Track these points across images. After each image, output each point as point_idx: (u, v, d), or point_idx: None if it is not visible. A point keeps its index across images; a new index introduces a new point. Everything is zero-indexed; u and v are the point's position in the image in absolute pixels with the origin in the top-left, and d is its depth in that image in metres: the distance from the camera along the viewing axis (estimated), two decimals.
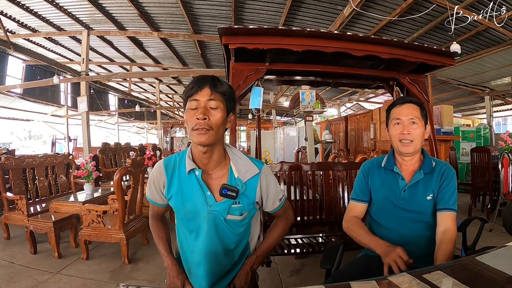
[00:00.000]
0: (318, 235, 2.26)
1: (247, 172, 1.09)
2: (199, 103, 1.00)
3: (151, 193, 1.18)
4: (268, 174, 1.15)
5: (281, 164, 2.36)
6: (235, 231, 1.10)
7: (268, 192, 1.15)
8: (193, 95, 1.01)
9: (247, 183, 1.09)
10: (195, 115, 0.99)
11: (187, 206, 1.08)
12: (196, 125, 0.99)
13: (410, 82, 1.97)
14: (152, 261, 2.68)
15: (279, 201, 1.20)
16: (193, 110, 1.00)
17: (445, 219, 1.21)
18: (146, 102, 13.16)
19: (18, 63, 9.31)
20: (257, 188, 1.11)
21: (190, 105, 1.01)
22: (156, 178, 1.13)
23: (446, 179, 1.26)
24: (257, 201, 1.13)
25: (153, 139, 18.54)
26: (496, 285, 0.75)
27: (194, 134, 1.00)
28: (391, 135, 1.32)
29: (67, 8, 5.47)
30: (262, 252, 1.18)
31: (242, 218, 1.09)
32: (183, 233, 1.15)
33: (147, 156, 4.19)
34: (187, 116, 1.02)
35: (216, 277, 1.10)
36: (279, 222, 1.25)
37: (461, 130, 6.65)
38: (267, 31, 1.60)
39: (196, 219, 1.08)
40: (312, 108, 4.18)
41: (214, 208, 1.06)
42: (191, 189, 1.08)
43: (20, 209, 2.94)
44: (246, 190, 1.09)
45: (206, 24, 5.74)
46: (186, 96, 1.03)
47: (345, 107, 14.26)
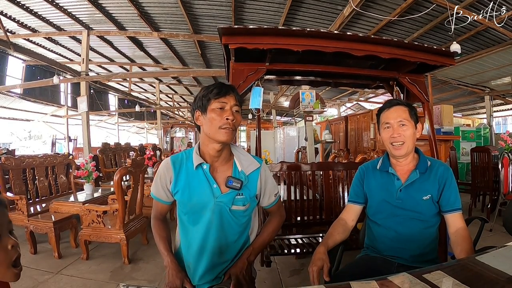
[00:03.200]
0: (318, 235, 2.26)
1: (250, 166, 1.19)
2: (227, 105, 1.11)
3: (156, 190, 1.21)
4: (266, 169, 1.25)
5: (281, 164, 2.36)
6: (238, 222, 1.18)
7: (266, 186, 1.23)
8: (221, 98, 1.10)
9: (250, 176, 1.18)
10: (223, 114, 1.09)
11: (194, 198, 1.14)
12: (225, 124, 1.09)
13: (410, 82, 1.97)
14: (152, 261, 2.68)
15: (274, 196, 1.28)
16: (220, 111, 1.10)
17: (454, 219, 1.24)
18: (146, 102, 13.15)
19: (18, 63, 9.31)
20: (258, 181, 1.20)
21: (216, 105, 1.10)
22: (163, 174, 1.18)
23: (446, 181, 1.26)
24: (257, 194, 1.22)
25: (153, 139, 18.53)
26: (496, 285, 0.75)
27: (221, 132, 1.09)
28: (383, 139, 1.34)
29: (67, 8, 5.47)
30: (259, 245, 1.25)
31: (245, 209, 1.18)
32: (186, 227, 1.18)
33: (147, 156, 4.20)
34: (213, 115, 1.10)
35: (218, 269, 1.16)
36: (273, 218, 1.33)
37: (461, 130, 6.65)
38: (267, 31, 1.60)
39: (202, 211, 1.14)
40: (312, 108, 4.18)
41: (220, 199, 1.13)
42: (198, 182, 1.14)
43: (20, 209, 2.94)
44: (248, 182, 1.17)
45: (206, 24, 5.74)
46: (212, 97, 1.10)
47: (345, 107, 14.26)
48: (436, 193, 1.26)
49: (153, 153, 5.00)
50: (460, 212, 1.25)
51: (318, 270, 1.15)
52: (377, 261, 1.33)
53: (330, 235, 1.34)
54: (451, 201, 1.25)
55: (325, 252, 1.23)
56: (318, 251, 1.23)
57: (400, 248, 1.28)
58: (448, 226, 1.25)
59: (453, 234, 1.23)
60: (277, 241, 2.15)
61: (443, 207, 1.26)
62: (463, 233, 1.21)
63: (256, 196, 1.21)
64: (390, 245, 1.31)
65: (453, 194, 1.25)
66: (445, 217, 1.26)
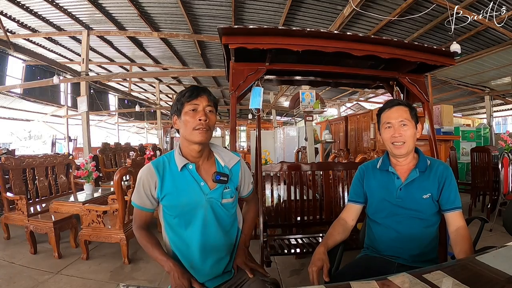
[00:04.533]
0: (318, 235, 2.26)
1: (231, 160, 1.25)
2: (199, 107, 1.13)
3: (139, 198, 1.18)
4: (243, 161, 1.32)
5: (281, 164, 2.36)
6: (229, 213, 1.23)
7: (245, 177, 1.31)
8: (193, 100, 1.13)
9: (232, 169, 1.24)
10: (196, 116, 1.12)
11: (183, 200, 1.15)
12: (198, 125, 1.12)
13: (410, 82, 1.97)
14: (152, 261, 2.67)
15: (251, 184, 1.36)
16: (193, 112, 1.13)
17: (454, 218, 1.25)
18: (146, 102, 13.15)
19: (18, 63, 9.31)
20: (239, 173, 1.27)
21: (189, 108, 1.13)
22: (146, 180, 1.16)
23: (446, 179, 1.27)
24: (238, 186, 1.28)
25: (153, 139, 18.52)
26: (496, 285, 0.75)
27: (195, 133, 1.12)
28: (384, 139, 1.35)
29: (67, 8, 5.47)
30: (248, 231, 1.34)
31: (233, 200, 1.23)
32: (177, 230, 1.17)
33: (147, 156, 4.19)
34: (187, 118, 1.13)
35: (223, 261, 1.20)
36: (251, 205, 1.41)
37: (461, 130, 6.65)
38: (267, 31, 1.60)
39: (194, 211, 1.16)
40: (312, 108, 4.17)
41: (211, 196, 1.17)
42: (186, 183, 1.16)
43: (20, 209, 2.94)
44: (232, 176, 1.24)
45: (206, 24, 5.74)
46: (184, 101, 1.14)
47: (345, 107, 14.25)
48: (436, 191, 1.27)
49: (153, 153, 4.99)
50: (460, 210, 1.26)
51: (318, 270, 1.15)
52: (377, 261, 1.33)
53: (330, 235, 1.34)
54: (451, 199, 1.25)
55: (324, 252, 1.23)
56: (318, 251, 1.24)
57: (400, 247, 1.28)
58: (449, 225, 1.26)
59: (453, 233, 1.23)
60: (277, 241, 2.15)
61: (443, 206, 1.26)
62: (463, 232, 1.21)
63: (236, 187, 1.27)
64: (390, 244, 1.31)
65: (453, 193, 1.26)
66: (445, 215, 1.27)
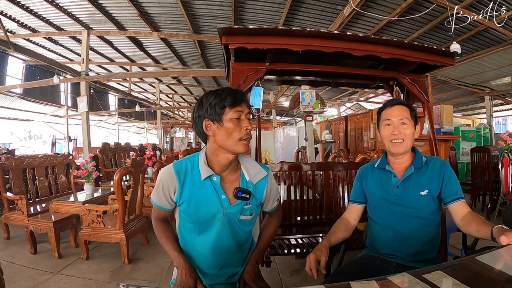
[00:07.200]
0: (318, 235, 2.26)
1: (257, 174, 1.17)
2: (243, 114, 1.07)
3: (158, 199, 1.15)
4: (272, 177, 1.24)
5: (281, 164, 2.36)
6: (245, 229, 1.17)
7: (271, 193, 1.23)
8: (237, 106, 1.05)
9: (257, 185, 1.17)
10: (242, 125, 1.06)
11: (202, 210, 1.10)
12: (245, 135, 1.06)
13: (410, 82, 1.97)
14: (152, 261, 2.67)
15: (277, 201, 1.28)
16: (237, 121, 1.05)
17: (459, 207, 1.24)
18: (146, 102, 13.15)
19: (18, 63, 9.32)
20: (264, 190, 1.19)
21: (233, 115, 1.05)
22: (167, 183, 1.11)
23: (445, 173, 1.28)
24: (262, 202, 1.21)
25: (153, 139, 18.52)
26: (496, 285, 0.74)
27: (240, 144, 1.06)
28: (383, 136, 1.35)
29: (67, 8, 5.47)
30: (263, 247, 1.26)
31: (252, 218, 1.17)
32: (190, 234, 1.14)
33: (147, 156, 4.20)
34: (230, 126, 1.04)
35: (227, 271, 1.16)
36: (273, 219, 1.34)
37: (461, 130, 6.66)
38: (267, 31, 1.60)
39: (210, 221, 1.12)
40: (312, 108, 4.17)
41: (229, 210, 1.11)
42: (206, 194, 1.10)
43: (20, 209, 2.94)
44: (255, 191, 1.16)
45: (206, 24, 5.74)
46: (227, 106, 1.04)
47: (345, 107, 14.26)
48: (436, 187, 1.27)
49: (153, 153, 5.00)
50: (464, 201, 1.25)
51: (316, 258, 1.14)
52: (376, 260, 1.33)
53: (332, 232, 1.34)
54: (453, 191, 1.25)
55: (326, 246, 1.22)
56: (320, 244, 1.24)
57: (398, 246, 1.29)
58: (455, 215, 1.24)
59: (462, 220, 1.21)
60: (277, 241, 2.15)
61: (446, 199, 1.26)
62: (471, 215, 1.20)
63: (261, 204, 1.21)
64: (388, 243, 1.31)
65: (454, 185, 1.26)
66: (450, 208, 1.26)
